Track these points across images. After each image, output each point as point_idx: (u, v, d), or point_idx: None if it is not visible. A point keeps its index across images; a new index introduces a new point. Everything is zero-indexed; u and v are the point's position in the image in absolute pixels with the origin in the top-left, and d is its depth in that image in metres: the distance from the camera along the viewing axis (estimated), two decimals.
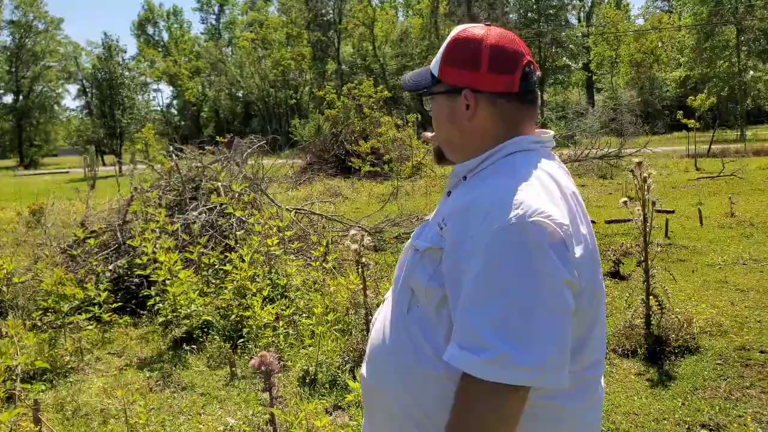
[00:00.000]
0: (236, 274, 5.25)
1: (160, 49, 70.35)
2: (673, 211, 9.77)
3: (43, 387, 4.24)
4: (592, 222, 9.43)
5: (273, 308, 4.76)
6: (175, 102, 70.86)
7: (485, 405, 1.12)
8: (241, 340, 4.79)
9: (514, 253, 1.12)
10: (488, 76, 1.30)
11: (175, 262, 5.21)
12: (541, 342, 1.10)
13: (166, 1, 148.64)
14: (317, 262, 6.08)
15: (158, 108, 70.66)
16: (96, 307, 5.28)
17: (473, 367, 1.12)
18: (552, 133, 1.39)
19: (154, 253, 5.38)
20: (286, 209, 7.46)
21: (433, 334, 1.26)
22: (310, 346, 4.45)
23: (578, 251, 1.20)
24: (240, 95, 61.29)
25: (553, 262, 1.13)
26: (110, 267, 6.20)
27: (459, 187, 1.37)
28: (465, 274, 1.16)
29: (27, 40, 62.91)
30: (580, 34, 52.38)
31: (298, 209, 7.86)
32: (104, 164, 41.92)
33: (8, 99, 63.62)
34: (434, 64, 1.38)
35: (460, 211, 1.24)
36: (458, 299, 1.17)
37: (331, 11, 55.04)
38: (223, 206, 6.71)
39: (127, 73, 55.96)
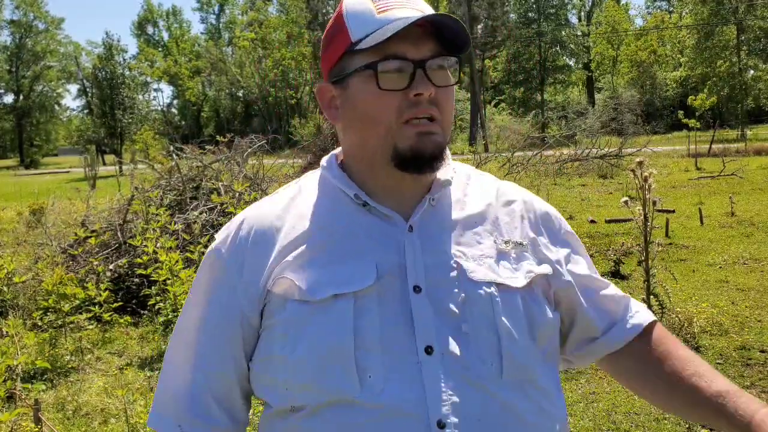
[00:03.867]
0: None
1: (160, 49, 70.43)
2: (673, 211, 9.77)
3: (44, 386, 4.24)
4: (593, 222, 9.33)
5: None
6: (175, 102, 70.95)
7: None
8: None
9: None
10: None
11: (176, 261, 5.21)
12: None
13: (166, 0, 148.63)
14: None
15: (159, 108, 70.78)
16: (96, 306, 5.28)
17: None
18: None
19: (154, 252, 5.38)
20: None
21: (557, 382, 1.08)
22: None
23: None
24: (240, 95, 61.31)
25: None
26: (111, 266, 6.20)
27: (432, 210, 1.04)
28: (578, 267, 1.16)
29: (27, 39, 63.04)
30: (580, 33, 52.35)
31: None
32: (105, 164, 41.88)
33: (8, 99, 63.85)
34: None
35: (527, 225, 1.10)
36: (584, 294, 1.14)
37: (331, 11, 55.05)
38: (224, 206, 6.70)
39: (127, 73, 55.96)
